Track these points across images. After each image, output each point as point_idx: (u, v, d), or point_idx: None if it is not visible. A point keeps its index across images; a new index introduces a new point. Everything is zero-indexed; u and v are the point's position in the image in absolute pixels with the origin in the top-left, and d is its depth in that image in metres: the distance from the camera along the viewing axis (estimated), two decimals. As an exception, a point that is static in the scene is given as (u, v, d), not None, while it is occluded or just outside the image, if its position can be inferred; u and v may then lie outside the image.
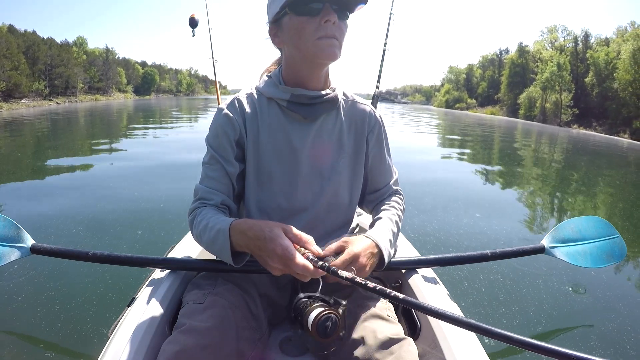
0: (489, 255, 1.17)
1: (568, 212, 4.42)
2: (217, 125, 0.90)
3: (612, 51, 31.35)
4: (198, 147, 5.18)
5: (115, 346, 0.76)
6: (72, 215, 3.22)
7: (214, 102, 40.75)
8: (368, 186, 1.04)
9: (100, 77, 49.41)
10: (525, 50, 44.24)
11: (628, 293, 2.34)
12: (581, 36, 37.56)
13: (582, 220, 1.38)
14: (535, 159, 9.21)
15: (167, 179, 4.75)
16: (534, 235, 3.34)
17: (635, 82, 26.64)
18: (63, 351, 1.58)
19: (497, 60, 54.58)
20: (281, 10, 0.81)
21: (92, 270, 2.14)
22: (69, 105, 32.08)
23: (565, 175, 7.23)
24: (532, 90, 37.47)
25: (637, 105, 26.15)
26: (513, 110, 41.66)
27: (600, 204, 4.95)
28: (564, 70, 33.88)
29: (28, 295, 1.94)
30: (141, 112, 20.69)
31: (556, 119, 33.52)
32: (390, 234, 0.91)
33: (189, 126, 13.39)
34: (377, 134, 1.00)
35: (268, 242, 0.69)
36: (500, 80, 48.23)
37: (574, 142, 16.59)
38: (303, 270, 0.66)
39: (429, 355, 0.83)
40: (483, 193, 5.12)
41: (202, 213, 0.85)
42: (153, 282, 0.98)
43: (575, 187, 6.06)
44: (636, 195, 5.73)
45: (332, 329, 0.68)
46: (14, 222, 1.21)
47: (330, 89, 0.93)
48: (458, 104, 57.60)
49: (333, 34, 0.80)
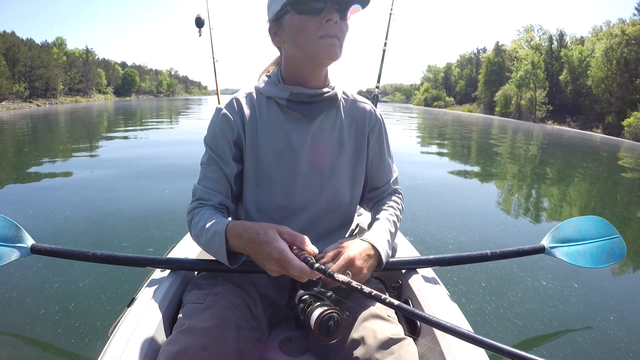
0: (489, 255, 1.17)
1: (568, 212, 4.42)
2: (215, 125, 0.90)
3: (586, 49, 32.65)
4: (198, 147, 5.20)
5: (115, 346, 0.76)
6: (72, 215, 3.22)
7: (194, 103, 40.69)
8: (368, 184, 1.04)
9: (80, 78, 48.03)
10: (501, 49, 45.86)
11: (628, 293, 2.34)
12: (556, 35, 38.97)
13: (582, 220, 1.38)
14: (528, 158, 9.22)
15: (166, 178, 4.74)
16: (533, 235, 3.34)
17: (607, 79, 27.67)
18: (63, 351, 1.58)
19: (475, 59, 56.22)
20: (282, 9, 0.81)
21: (92, 270, 2.14)
22: (49, 107, 31.20)
23: (564, 174, 7.23)
24: (507, 88, 39.02)
25: (609, 101, 27.30)
26: (490, 108, 43.41)
27: (600, 204, 4.95)
28: (538, 69, 35.04)
29: (28, 295, 1.94)
30: (122, 114, 20.30)
31: (531, 116, 34.72)
32: (387, 235, 0.92)
33: (188, 126, 13.39)
34: (378, 132, 1.00)
35: (263, 245, 0.69)
36: (477, 79, 49.55)
37: (559, 140, 17.06)
38: (300, 273, 0.66)
39: (429, 355, 0.83)
40: (483, 193, 5.12)
41: (200, 214, 0.85)
42: (153, 282, 0.98)
43: (574, 187, 6.06)
44: (636, 195, 5.73)
45: (334, 328, 0.69)
46: (14, 222, 1.21)
47: (330, 87, 0.93)
48: (436, 102, 59.09)
49: (334, 34, 0.81)
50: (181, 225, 2.84)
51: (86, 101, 44.98)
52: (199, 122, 14.82)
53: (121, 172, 5.13)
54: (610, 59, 27.43)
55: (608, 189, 6.10)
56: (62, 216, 3.19)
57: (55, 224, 3.01)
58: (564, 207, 4.70)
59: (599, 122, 28.02)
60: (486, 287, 2.23)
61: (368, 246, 0.85)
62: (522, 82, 35.78)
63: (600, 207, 4.77)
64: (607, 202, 5.09)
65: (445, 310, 0.92)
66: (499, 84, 42.09)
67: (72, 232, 2.85)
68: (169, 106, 31.89)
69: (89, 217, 3.18)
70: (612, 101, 27.07)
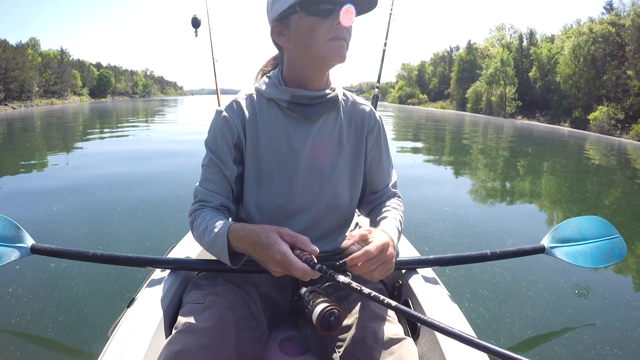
0: (489, 255, 1.17)
1: (568, 212, 4.41)
2: (215, 128, 0.90)
3: (555, 47, 34.15)
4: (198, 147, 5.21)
5: (115, 346, 0.76)
6: (72, 215, 3.22)
7: (169, 103, 39.96)
8: (367, 188, 1.03)
9: (55, 80, 46.13)
10: (473, 47, 47.33)
11: (628, 293, 2.34)
12: (527, 34, 40.40)
13: (582, 220, 1.38)
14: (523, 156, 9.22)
15: (166, 178, 4.74)
16: (534, 235, 3.34)
17: (575, 75, 29.47)
18: (63, 351, 1.58)
19: (448, 57, 57.33)
20: (289, 9, 0.80)
21: (92, 270, 2.14)
22: (25, 110, 29.79)
23: (562, 174, 7.23)
24: (478, 85, 40.24)
25: (577, 96, 29.15)
26: (462, 104, 44.62)
27: (599, 204, 4.95)
28: (507, 66, 36.27)
29: (28, 295, 1.94)
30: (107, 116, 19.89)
31: (501, 111, 35.95)
32: (397, 233, 0.89)
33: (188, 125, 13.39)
34: (377, 134, 1.00)
35: (265, 248, 0.70)
36: (450, 76, 50.68)
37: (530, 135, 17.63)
38: (302, 274, 0.67)
39: (429, 355, 0.83)
40: (483, 193, 5.12)
41: (201, 215, 0.86)
42: (153, 282, 0.99)
43: (575, 187, 6.05)
44: (636, 195, 5.73)
45: (335, 323, 0.71)
46: (14, 222, 1.21)
47: (331, 89, 0.93)
48: (410, 100, 60.10)
49: (344, 36, 0.81)
50: (181, 225, 2.85)
51: (61, 103, 43.28)
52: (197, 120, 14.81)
53: (121, 172, 5.13)
54: (577, 56, 29.21)
55: (608, 189, 6.10)
56: (62, 216, 3.19)
57: (55, 224, 3.01)
58: (564, 207, 4.70)
59: (567, 116, 29.73)
60: (486, 287, 2.23)
61: (390, 239, 0.81)
62: (492, 79, 37.26)
63: (600, 207, 4.77)
64: (607, 202, 5.09)
65: (445, 310, 0.92)
66: (470, 81, 43.37)
67: (72, 232, 2.84)
68: (146, 107, 31.27)
69: (89, 217, 3.18)
70: (580, 96, 28.86)
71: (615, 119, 23.97)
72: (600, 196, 5.49)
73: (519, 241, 3.10)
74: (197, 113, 22.80)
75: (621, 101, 25.14)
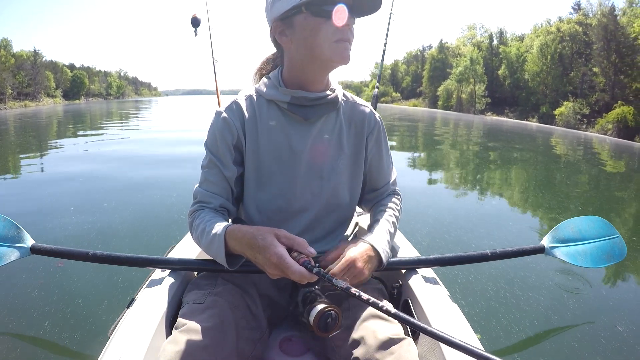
0: (489, 255, 1.17)
1: (568, 212, 4.41)
2: (215, 129, 0.90)
3: (523, 46, 35.63)
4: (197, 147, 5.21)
5: (115, 346, 0.76)
6: (72, 215, 3.22)
7: (144, 104, 38.68)
8: (367, 186, 1.04)
9: (28, 82, 44.61)
10: (445, 46, 48.85)
11: (628, 293, 2.34)
12: (497, 33, 42.05)
13: (582, 220, 1.38)
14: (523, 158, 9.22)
15: (166, 178, 4.74)
16: (533, 235, 3.34)
17: (542, 73, 31.15)
18: (63, 351, 1.58)
19: (421, 56, 58.67)
20: (294, 9, 0.80)
21: (92, 270, 2.14)
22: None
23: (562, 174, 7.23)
24: (449, 83, 41.72)
25: (544, 92, 30.71)
26: (434, 102, 46.38)
27: (600, 203, 4.94)
28: (477, 64, 37.58)
29: (28, 295, 1.94)
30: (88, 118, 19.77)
31: (471, 108, 37.26)
32: (387, 235, 0.93)
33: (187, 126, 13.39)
34: (377, 135, 1.01)
35: (262, 251, 0.69)
36: (422, 75, 51.95)
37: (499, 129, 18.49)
38: (299, 277, 0.66)
39: (429, 355, 0.83)
40: (482, 193, 5.12)
41: (200, 216, 0.86)
42: (153, 282, 0.98)
43: (575, 187, 6.05)
44: (636, 195, 5.73)
45: (331, 325, 0.71)
46: (14, 222, 1.21)
47: (331, 90, 0.93)
48: (384, 98, 60.81)
49: (348, 38, 0.82)
50: (181, 226, 2.85)
51: (35, 105, 41.61)
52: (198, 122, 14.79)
53: (121, 172, 5.13)
54: (545, 54, 30.80)
55: (608, 189, 6.10)
56: (62, 216, 3.19)
57: (55, 223, 3.01)
58: (564, 207, 4.69)
59: (535, 112, 31.18)
60: (486, 287, 2.23)
61: (369, 247, 0.86)
62: (461, 77, 38.70)
63: (600, 207, 4.77)
64: (607, 202, 5.09)
65: (445, 310, 0.92)
66: (442, 79, 44.60)
67: (72, 232, 2.84)
68: (120, 108, 30.35)
69: (89, 217, 3.18)
70: (547, 93, 30.41)
71: (580, 114, 25.30)
72: (600, 196, 5.49)
73: (519, 241, 3.10)
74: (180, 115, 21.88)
75: (587, 97, 26.37)
